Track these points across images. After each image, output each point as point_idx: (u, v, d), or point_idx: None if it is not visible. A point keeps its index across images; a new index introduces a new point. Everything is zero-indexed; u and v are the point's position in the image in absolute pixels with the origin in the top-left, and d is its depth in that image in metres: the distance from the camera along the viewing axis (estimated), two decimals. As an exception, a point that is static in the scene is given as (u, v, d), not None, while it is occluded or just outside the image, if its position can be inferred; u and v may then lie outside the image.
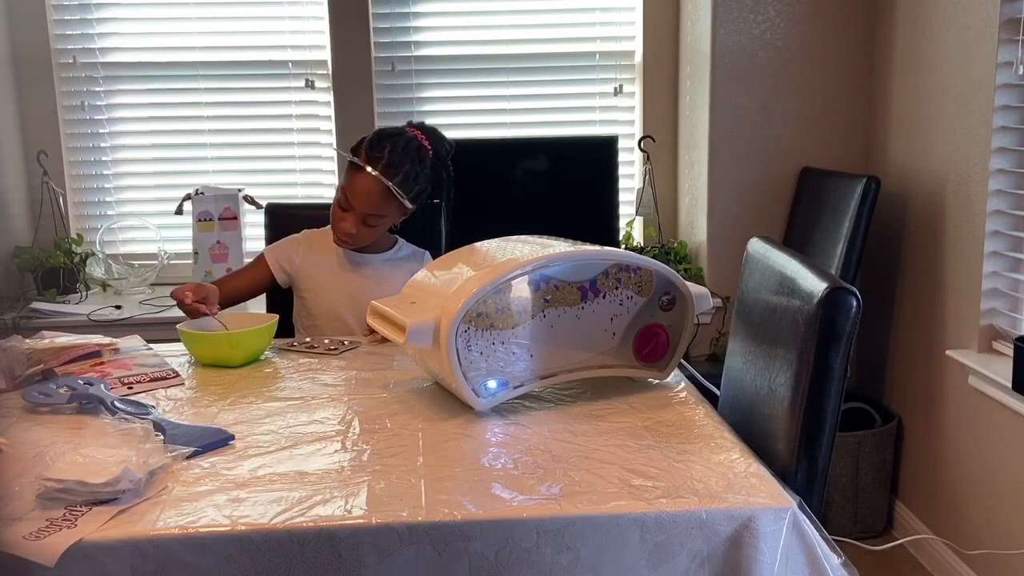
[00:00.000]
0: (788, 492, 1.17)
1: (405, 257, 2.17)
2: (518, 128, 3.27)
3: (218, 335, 1.77)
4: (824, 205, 2.79)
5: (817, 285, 1.31)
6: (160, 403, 1.54)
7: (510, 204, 3.00)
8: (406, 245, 2.20)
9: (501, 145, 3.08)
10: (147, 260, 3.22)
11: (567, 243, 1.57)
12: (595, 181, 3.00)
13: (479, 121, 3.27)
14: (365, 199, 1.99)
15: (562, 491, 1.17)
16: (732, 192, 3.00)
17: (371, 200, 1.99)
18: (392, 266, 2.14)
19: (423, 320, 1.41)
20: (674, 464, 1.25)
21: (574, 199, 2.99)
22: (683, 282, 1.58)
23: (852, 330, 1.29)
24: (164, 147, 3.27)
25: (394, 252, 2.17)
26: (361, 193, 1.98)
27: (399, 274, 2.11)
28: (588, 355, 1.52)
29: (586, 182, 2.99)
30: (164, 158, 3.28)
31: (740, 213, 3.01)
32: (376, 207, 2.00)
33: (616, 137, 3.04)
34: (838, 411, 1.31)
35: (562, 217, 2.95)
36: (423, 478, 1.21)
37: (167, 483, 1.20)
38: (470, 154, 2.93)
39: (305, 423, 1.43)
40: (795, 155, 2.99)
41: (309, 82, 3.23)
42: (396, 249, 2.17)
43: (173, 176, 3.27)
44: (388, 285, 2.08)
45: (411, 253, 2.19)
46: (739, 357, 1.58)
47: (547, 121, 3.28)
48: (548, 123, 3.28)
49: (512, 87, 3.27)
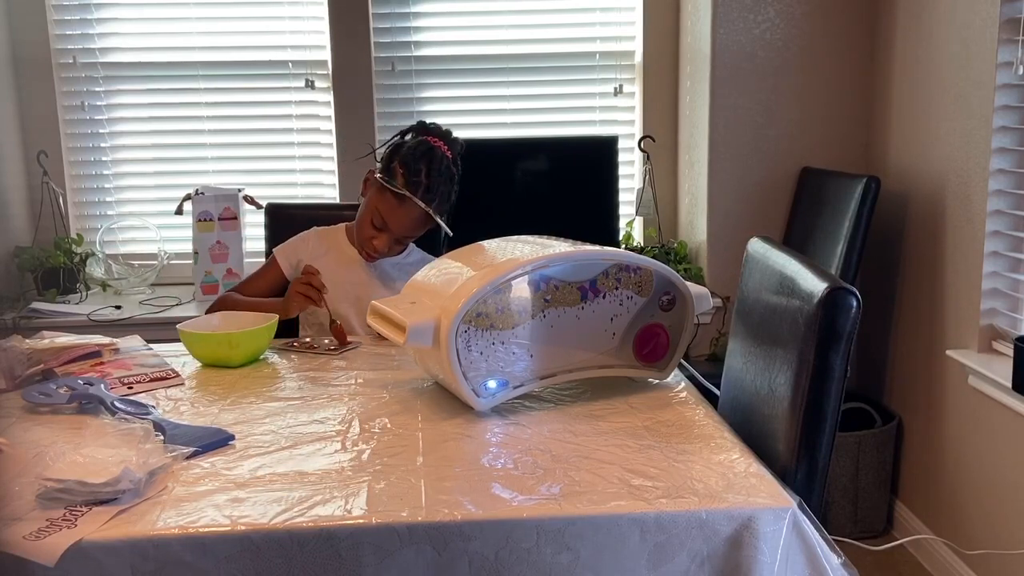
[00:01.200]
0: (788, 492, 1.17)
1: (414, 262, 2.16)
2: (518, 128, 3.27)
3: (218, 335, 1.77)
4: (824, 205, 2.80)
5: (817, 285, 1.31)
6: (160, 403, 1.54)
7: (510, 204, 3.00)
8: (416, 250, 2.20)
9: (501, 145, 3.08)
10: (147, 260, 3.22)
11: (567, 243, 1.57)
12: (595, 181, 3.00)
13: (479, 121, 3.27)
14: (404, 224, 2.00)
15: (562, 491, 1.17)
16: (732, 192, 3.00)
17: (409, 225, 2.01)
18: (400, 270, 2.13)
19: (423, 320, 1.41)
20: (674, 464, 1.25)
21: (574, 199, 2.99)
22: (683, 282, 1.58)
23: (852, 330, 1.29)
24: (164, 147, 3.27)
25: (404, 256, 2.16)
26: (400, 218, 1.99)
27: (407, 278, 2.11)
28: (588, 355, 1.52)
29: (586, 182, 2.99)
30: (164, 158, 3.28)
31: (740, 213, 3.01)
32: (414, 231, 2.03)
33: (616, 137, 3.03)
34: (838, 411, 1.31)
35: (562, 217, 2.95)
36: (423, 478, 1.21)
37: (167, 483, 1.20)
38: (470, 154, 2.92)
39: (305, 423, 1.43)
40: (795, 155, 2.99)
41: (309, 82, 3.23)
42: (406, 253, 2.17)
43: (173, 176, 3.27)
44: (395, 288, 2.08)
45: (420, 259, 2.17)
46: (739, 357, 1.58)
47: (547, 121, 3.29)
48: (548, 123, 3.29)
49: (512, 87, 3.27)
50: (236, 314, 1.92)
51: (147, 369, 1.71)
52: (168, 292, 3.10)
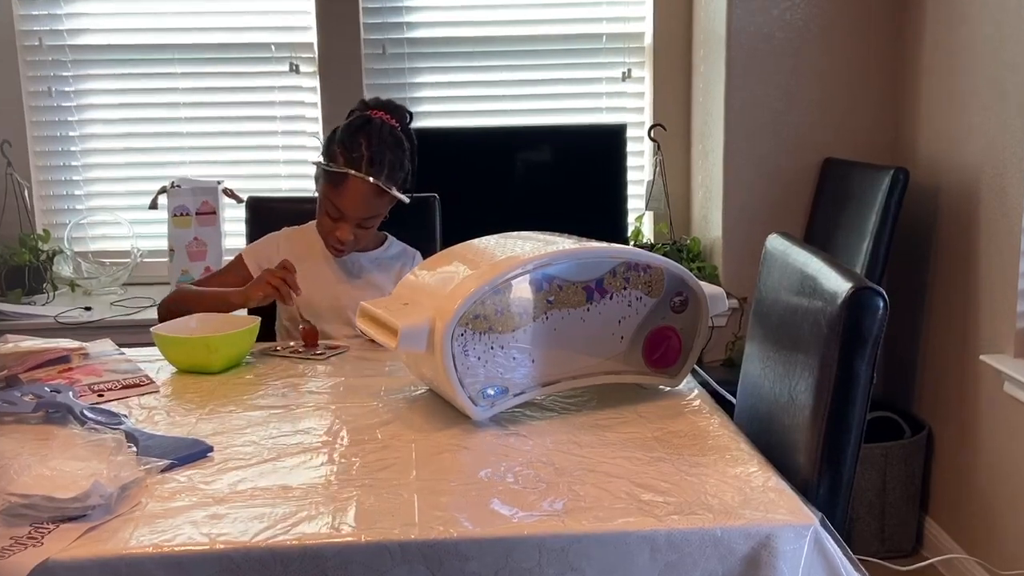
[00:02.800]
0: (809, 508, 1.17)
1: (394, 256, 2.17)
2: (518, 116, 3.28)
3: (196, 338, 1.77)
4: (848, 198, 2.80)
5: (841, 285, 1.31)
6: (133, 412, 1.54)
7: (510, 197, 3.01)
8: (396, 243, 2.20)
9: (500, 134, 3.08)
10: (119, 258, 3.22)
11: (571, 240, 1.58)
12: (601, 173, 3.00)
13: (476, 108, 3.27)
14: (356, 204, 2.00)
15: (566, 507, 1.17)
16: (749, 185, 3.00)
17: (363, 204, 2.01)
18: (380, 266, 2.14)
19: (416, 322, 1.41)
20: (686, 478, 1.25)
21: (579, 192, 2.99)
22: (696, 282, 1.59)
23: (878, 333, 1.29)
24: (138, 136, 3.27)
25: (383, 251, 2.17)
26: (350, 200, 2.00)
27: (387, 275, 2.12)
28: (594, 360, 1.53)
29: (592, 174, 3.00)
30: (137, 148, 3.28)
31: (758, 207, 3.01)
32: (369, 209, 2.02)
33: (624, 125, 3.04)
34: (863, 421, 1.32)
35: (566, 211, 2.95)
36: (416, 493, 1.21)
37: (140, 498, 1.20)
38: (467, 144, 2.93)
39: (289, 433, 1.44)
40: (817, 144, 2.99)
41: (294, 66, 3.23)
42: (385, 248, 2.18)
43: (147, 168, 3.27)
44: (375, 286, 2.09)
45: (401, 252, 2.19)
46: (757, 362, 1.58)
47: (550, 108, 3.29)
48: (551, 110, 3.29)
49: (512, 71, 3.27)
50: (215, 316, 1.92)
51: (119, 375, 1.71)
52: (142, 292, 3.10)
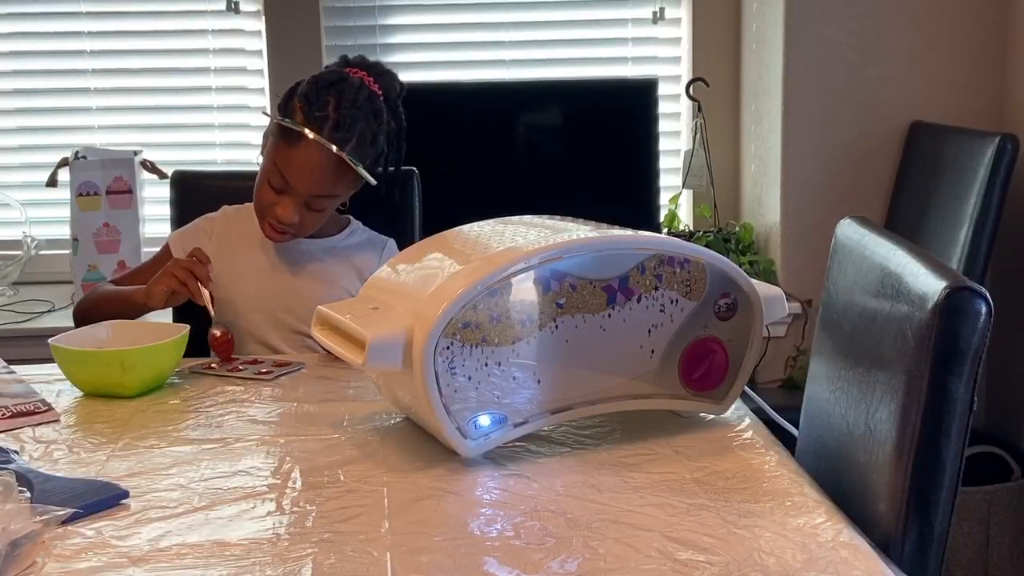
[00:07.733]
0: (893, 569, 1.18)
1: (358, 246, 2.16)
2: (522, 68, 3.28)
3: (106, 352, 1.77)
4: (942, 174, 2.80)
5: (932, 284, 1.31)
6: (26, 447, 1.54)
7: (509, 172, 3.01)
8: (362, 229, 2.19)
9: (497, 91, 3.08)
10: (8, 250, 3.22)
11: (588, 226, 1.58)
12: (627, 141, 3.00)
13: (466, 58, 3.28)
14: (308, 176, 1.97)
15: (581, 568, 1.17)
16: (815, 157, 3.00)
17: (317, 176, 1.97)
18: (339, 257, 2.13)
19: (389, 332, 1.41)
20: (735, 531, 1.26)
21: (597, 165, 2.99)
22: (748, 281, 1.59)
23: (980, 346, 1.29)
24: (31, 94, 3.28)
25: (344, 238, 2.16)
26: (302, 168, 1.96)
27: (348, 269, 2.11)
28: (617, 381, 1.53)
29: (615, 142, 2.99)
30: (31, 108, 3.29)
31: (826, 185, 3.01)
32: (324, 186, 1.99)
33: (655, 80, 3.03)
34: (961, 457, 1.32)
35: (581, 190, 2.95)
36: (389, 551, 1.21)
37: (36, 558, 1.20)
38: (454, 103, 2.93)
39: (226, 475, 1.44)
40: (903, 105, 2.99)
41: (232, 4, 3.23)
42: (347, 234, 2.17)
43: (44, 134, 3.28)
44: (333, 283, 2.08)
45: (367, 240, 2.18)
46: (825, 384, 1.58)
47: (562, 59, 3.30)
48: (563, 61, 3.30)
49: (513, 11, 3.27)
50: (130, 324, 1.91)
51: (8, 400, 1.71)
52: (37, 294, 3.10)
